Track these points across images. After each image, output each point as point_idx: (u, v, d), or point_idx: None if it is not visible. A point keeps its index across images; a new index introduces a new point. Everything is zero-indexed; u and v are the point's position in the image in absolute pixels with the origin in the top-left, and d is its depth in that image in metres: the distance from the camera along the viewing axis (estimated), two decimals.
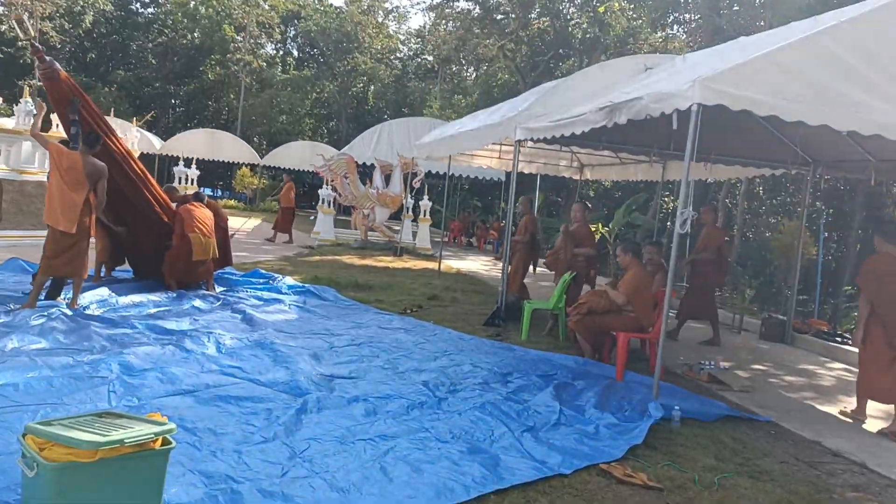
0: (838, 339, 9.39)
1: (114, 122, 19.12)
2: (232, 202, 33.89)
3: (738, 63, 5.21)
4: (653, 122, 6.78)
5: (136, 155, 20.57)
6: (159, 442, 3.06)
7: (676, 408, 5.22)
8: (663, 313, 5.75)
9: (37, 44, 6.94)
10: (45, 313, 6.49)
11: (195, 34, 46.15)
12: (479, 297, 10.97)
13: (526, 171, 13.95)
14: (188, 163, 20.74)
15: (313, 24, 44.27)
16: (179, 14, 45.90)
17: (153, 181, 8.59)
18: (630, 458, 4.39)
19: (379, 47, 47.80)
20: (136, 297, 7.89)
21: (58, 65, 7.10)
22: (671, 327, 8.71)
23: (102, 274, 9.10)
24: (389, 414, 4.74)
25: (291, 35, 51.68)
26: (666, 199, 21.37)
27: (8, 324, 6.13)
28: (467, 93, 39.36)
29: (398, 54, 51.62)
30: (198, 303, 7.99)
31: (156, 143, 32.55)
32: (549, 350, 7.29)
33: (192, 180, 21.04)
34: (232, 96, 46.01)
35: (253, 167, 34.70)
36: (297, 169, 31.91)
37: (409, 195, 19.11)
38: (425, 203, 19.29)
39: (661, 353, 5.58)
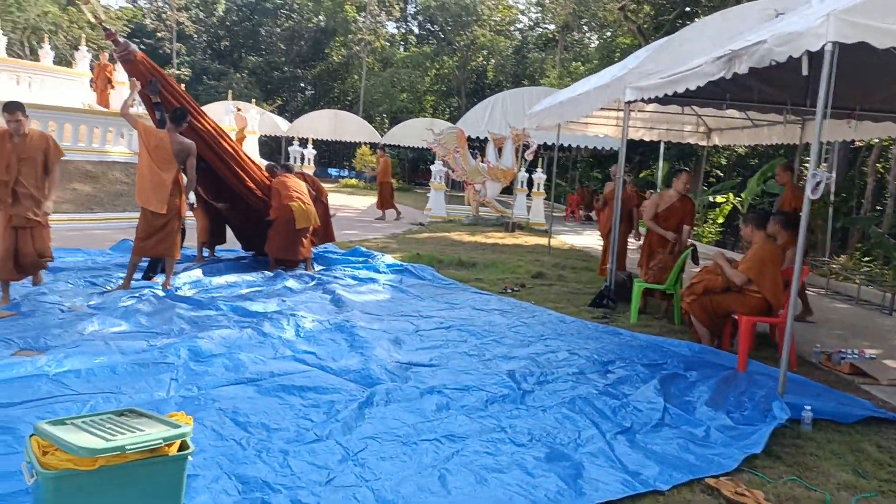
0: None
1: (234, 103, 19.72)
2: (353, 181, 34.49)
3: None
4: (784, 74, 5.84)
5: (257, 136, 21.24)
6: (175, 447, 2.72)
7: (807, 407, 4.42)
8: (792, 295, 4.90)
9: (108, 27, 6.88)
10: (136, 294, 6.49)
11: (320, 16, 47.25)
12: (589, 274, 10.24)
13: (647, 139, 12.94)
14: (303, 143, 21.02)
15: None
16: None
17: (246, 157, 8.49)
18: (745, 471, 3.68)
19: (498, 19, 47.01)
20: (231, 278, 7.85)
21: (133, 46, 7.02)
22: (799, 309, 7.65)
23: (205, 254, 9.14)
24: (464, 409, 4.24)
25: (411, 12, 51.79)
26: (807, 165, 19.47)
27: (98, 305, 6.15)
28: (587, 60, 37.78)
29: (518, 25, 50.52)
30: (291, 283, 7.82)
31: (282, 126, 33.60)
32: (662, 335, 6.55)
33: (309, 160, 21.33)
34: (356, 77, 46.78)
35: (374, 146, 35.09)
36: (416, 146, 31.97)
37: (522, 168, 18.43)
38: (539, 176, 18.53)
39: (788, 342, 4.75)
